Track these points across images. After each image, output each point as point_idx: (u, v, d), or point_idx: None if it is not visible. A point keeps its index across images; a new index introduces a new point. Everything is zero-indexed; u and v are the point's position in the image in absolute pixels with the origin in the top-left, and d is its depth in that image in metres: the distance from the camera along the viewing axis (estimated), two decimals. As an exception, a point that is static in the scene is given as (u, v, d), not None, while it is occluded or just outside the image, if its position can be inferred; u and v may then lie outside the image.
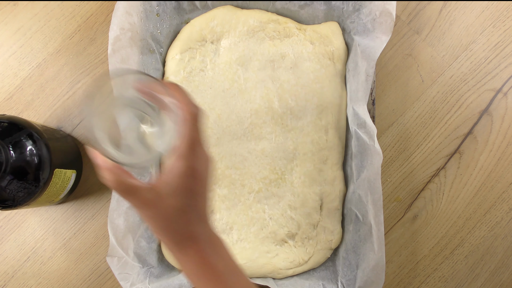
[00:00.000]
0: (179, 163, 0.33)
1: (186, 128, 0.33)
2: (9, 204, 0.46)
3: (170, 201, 0.33)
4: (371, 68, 0.52)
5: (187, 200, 0.34)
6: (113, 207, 0.50)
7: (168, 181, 0.33)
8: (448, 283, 0.58)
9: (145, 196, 0.33)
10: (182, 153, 0.33)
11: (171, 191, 0.33)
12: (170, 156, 0.33)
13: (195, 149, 0.33)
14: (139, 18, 0.53)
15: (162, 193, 0.33)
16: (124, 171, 0.33)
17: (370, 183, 0.50)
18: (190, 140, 0.33)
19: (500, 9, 0.60)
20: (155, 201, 0.33)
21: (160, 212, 0.33)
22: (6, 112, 0.58)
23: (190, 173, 0.33)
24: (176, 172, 0.33)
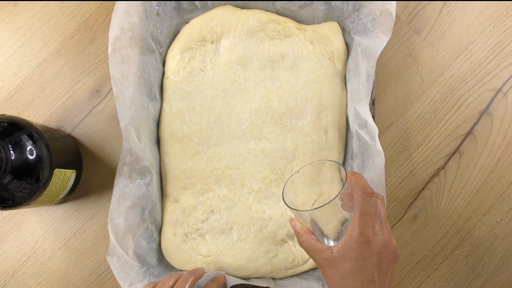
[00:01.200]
0: (351, 230, 0.40)
1: (358, 202, 0.40)
2: (9, 204, 0.46)
3: (342, 262, 0.39)
4: (372, 67, 0.52)
5: (356, 262, 0.39)
6: (113, 207, 0.50)
7: (342, 244, 0.40)
8: (448, 283, 0.58)
9: (323, 256, 0.41)
10: (354, 222, 0.40)
11: (343, 253, 0.40)
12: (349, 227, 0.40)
13: (366, 220, 0.39)
14: (139, 18, 0.53)
15: (336, 254, 0.40)
16: (312, 235, 0.43)
17: (373, 184, 0.50)
18: (361, 211, 0.40)
19: (500, 9, 0.60)
20: (330, 261, 0.40)
21: (334, 270, 0.40)
22: (6, 112, 0.58)
23: (358, 238, 0.39)
24: (348, 237, 0.39)
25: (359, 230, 0.39)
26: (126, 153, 0.50)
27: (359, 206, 0.40)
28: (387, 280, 0.40)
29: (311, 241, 0.42)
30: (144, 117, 0.53)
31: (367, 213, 0.40)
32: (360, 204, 0.40)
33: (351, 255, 0.39)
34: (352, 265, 0.39)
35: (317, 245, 0.42)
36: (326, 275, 0.41)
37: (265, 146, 0.55)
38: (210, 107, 0.56)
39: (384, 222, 0.41)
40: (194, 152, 0.55)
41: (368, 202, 0.40)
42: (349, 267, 0.39)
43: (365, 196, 0.40)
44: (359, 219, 0.39)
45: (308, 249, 0.42)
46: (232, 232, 0.55)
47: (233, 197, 0.55)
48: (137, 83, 0.53)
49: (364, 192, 0.40)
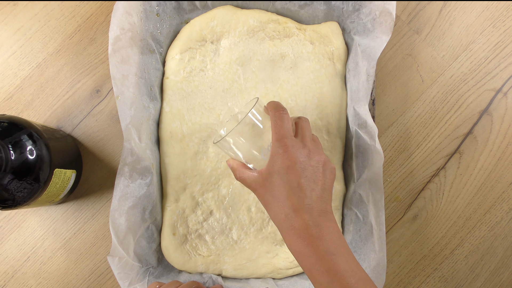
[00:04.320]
0: (272, 148, 0.42)
1: (273, 121, 0.43)
2: (9, 204, 0.46)
3: (270, 179, 0.41)
4: (372, 68, 0.52)
5: (280, 174, 0.41)
6: (114, 207, 0.50)
7: (267, 163, 0.42)
8: (448, 283, 0.58)
9: (256, 179, 0.43)
10: (273, 139, 0.42)
11: (268, 171, 0.41)
12: None
13: (283, 134, 0.42)
14: (139, 18, 0.53)
15: (264, 174, 0.42)
16: (244, 165, 0.45)
17: (371, 183, 0.50)
18: (276, 127, 0.42)
19: (500, 9, 0.60)
20: (261, 182, 0.42)
21: (265, 190, 0.42)
22: (6, 112, 0.58)
23: (279, 151, 0.41)
24: (270, 155, 0.42)
25: (278, 144, 0.41)
26: (127, 153, 0.50)
27: (273, 123, 0.42)
28: (317, 187, 0.41)
29: (244, 170, 0.44)
30: (145, 117, 0.53)
31: (283, 127, 0.42)
32: (273, 121, 0.42)
33: (274, 169, 0.41)
34: (277, 178, 0.41)
35: (249, 172, 0.44)
36: (259, 197, 0.43)
37: (265, 146, 0.55)
38: (210, 107, 0.56)
39: (307, 136, 0.44)
40: (194, 152, 0.55)
41: (281, 118, 0.42)
42: (275, 180, 0.41)
43: (276, 113, 0.43)
44: (275, 133, 0.42)
45: (243, 179, 0.44)
46: (232, 232, 0.55)
47: (233, 197, 0.55)
48: (137, 83, 0.53)
49: (276, 111, 0.43)
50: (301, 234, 0.39)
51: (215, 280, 0.53)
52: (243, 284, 0.53)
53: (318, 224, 0.39)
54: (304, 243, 0.38)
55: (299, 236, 0.39)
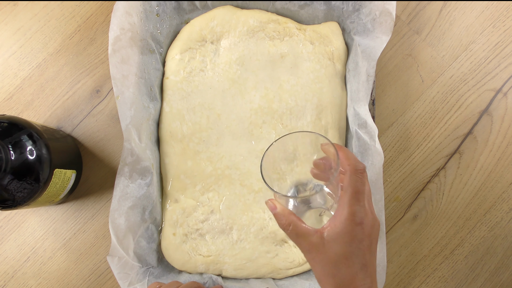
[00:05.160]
0: (342, 210, 0.36)
1: (351, 180, 0.36)
2: (9, 204, 0.46)
3: (333, 246, 0.35)
4: (372, 68, 0.52)
5: (350, 246, 0.35)
6: (114, 207, 0.50)
7: (332, 226, 0.36)
8: (448, 283, 0.58)
9: (311, 240, 0.36)
10: (346, 201, 0.36)
11: (334, 236, 0.35)
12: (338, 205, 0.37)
13: (359, 199, 0.36)
14: (139, 18, 0.53)
15: (326, 238, 0.36)
16: (297, 217, 0.38)
17: (371, 184, 0.50)
18: (354, 190, 0.36)
19: (500, 9, 0.60)
20: (319, 246, 0.36)
21: (324, 256, 0.36)
22: (6, 112, 0.58)
23: (352, 219, 0.35)
24: (339, 219, 0.36)
25: (352, 210, 0.35)
26: (127, 153, 0.50)
27: (352, 185, 0.36)
28: (374, 260, 0.37)
29: (297, 223, 0.37)
30: (145, 117, 0.53)
31: (360, 191, 0.36)
32: (354, 182, 0.36)
33: (343, 238, 0.35)
34: (345, 249, 0.35)
35: (303, 228, 0.37)
36: (314, 261, 0.37)
37: (265, 146, 0.55)
38: (210, 107, 0.56)
39: (370, 199, 0.38)
40: (194, 152, 0.55)
41: (361, 180, 0.37)
42: (341, 251, 0.35)
43: (357, 173, 0.37)
44: (352, 198, 0.36)
45: (293, 233, 0.38)
46: (232, 232, 0.55)
47: (233, 197, 0.55)
48: (137, 83, 0.53)
49: (356, 169, 0.37)
50: None
51: (215, 280, 0.53)
52: (243, 284, 0.53)
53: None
54: None
55: None
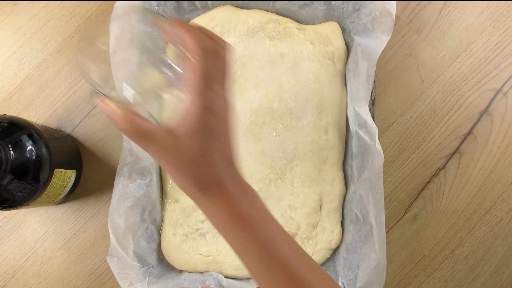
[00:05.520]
0: (194, 100, 0.30)
1: (199, 64, 0.30)
2: (9, 204, 0.46)
3: (189, 143, 0.30)
4: (372, 68, 0.52)
5: (209, 139, 0.31)
6: (113, 207, 0.50)
7: (185, 121, 0.30)
8: (448, 283, 0.58)
9: (162, 140, 0.30)
10: (197, 89, 0.30)
11: (189, 131, 0.30)
12: (186, 94, 0.30)
13: (210, 84, 0.31)
14: (139, 18, 0.53)
15: (180, 135, 0.30)
16: (138, 115, 0.31)
17: (371, 183, 0.50)
18: (204, 75, 0.30)
19: (500, 9, 0.60)
20: (173, 145, 0.30)
21: (180, 157, 0.31)
22: (6, 112, 0.58)
23: (204, 109, 0.30)
24: (193, 110, 0.30)
25: (202, 100, 0.30)
26: (126, 153, 0.50)
27: (200, 69, 0.30)
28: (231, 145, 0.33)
29: (140, 122, 0.30)
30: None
31: (210, 75, 0.31)
32: (202, 66, 0.30)
33: (198, 132, 0.31)
34: (202, 143, 0.31)
35: (149, 127, 0.30)
36: (168, 165, 0.32)
37: (265, 146, 0.55)
38: (210, 107, 0.56)
39: (224, 82, 0.33)
40: (194, 152, 0.55)
41: (212, 61, 0.31)
42: (198, 147, 0.31)
43: (207, 53, 0.31)
44: (201, 85, 0.30)
45: (137, 134, 0.30)
46: (232, 232, 0.55)
47: (233, 197, 0.55)
48: (137, 83, 0.53)
49: (203, 48, 0.31)
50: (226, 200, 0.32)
51: (216, 277, 0.53)
52: (243, 284, 0.53)
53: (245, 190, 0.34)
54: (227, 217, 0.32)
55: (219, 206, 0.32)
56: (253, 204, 0.34)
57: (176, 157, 0.31)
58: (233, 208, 0.32)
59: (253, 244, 0.33)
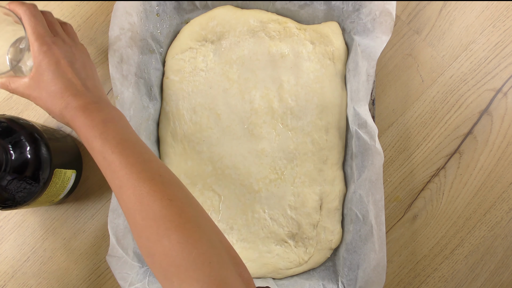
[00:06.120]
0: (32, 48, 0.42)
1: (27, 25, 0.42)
2: (9, 204, 0.46)
3: (41, 78, 0.41)
4: (372, 68, 0.52)
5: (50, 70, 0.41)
6: (113, 207, 0.50)
7: (32, 64, 0.42)
8: (448, 283, 0.58)
9: (25, 82, 0.43)
10: (30, 41, 0.42)
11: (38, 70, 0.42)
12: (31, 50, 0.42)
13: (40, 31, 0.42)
14: (139, 18, 0.53)
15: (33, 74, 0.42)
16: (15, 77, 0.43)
17: (371, 183, 0.50)
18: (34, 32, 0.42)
19: (500, 9, 0.60)
20: (32, 84, 0.42)
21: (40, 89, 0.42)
22: (6, 112, 0.58)
23: (42, 49, 0.41)
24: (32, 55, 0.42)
25: (38, 43, 0.41)
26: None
27: (27, 22, 0.42)
28: (90, 77, 0.44)
29: (15, 80, 0.43)
30: (144, 117, 0.53)
31: (38, 24, 0.42)
32: (27, 19, 0.42)
33: (43, 68, 0.41)
34: (49, 74, 0.41)
35: (20, 80, 0.43)
36: (36, 100, 0.43)
37: (265, 146, 0.55)
38: (210, 107, 0.56)
39: (61, 32, 0.45)
40: (194, 152, 0.55)
41: (34, 15, 0.42)
42: (48, 78, 0.41)
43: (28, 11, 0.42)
44: (33, 33, 0.41)
45: (15, 90, 0.44)
46: (233, 232, 0.55)
47: (233, 197, 0.55)
48: (137, 83, 0.53)
49: (26, 8, 0.42)
50: (79, 109, 0.40)
51: None
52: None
53: (97, 101, 0.42)
54: (81, 116, 0.40)
55: (77, 111, 0.40)
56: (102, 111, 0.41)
57: (37, 89, 0.42)
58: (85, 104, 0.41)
59: None
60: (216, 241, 0.36)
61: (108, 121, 0.40)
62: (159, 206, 0.36)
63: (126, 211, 0.37)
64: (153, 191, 0.36)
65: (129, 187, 0.37)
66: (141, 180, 0.37)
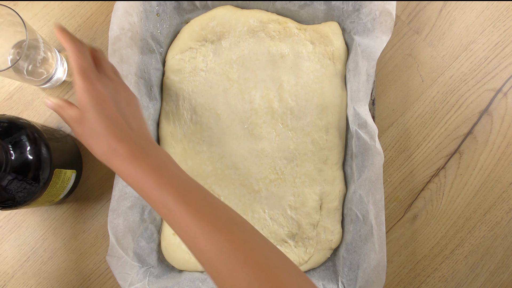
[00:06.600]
0: (76, 82, 0.40)
1: (72, 60, 0.41)
2: (9, 204, 0.46)
3: (85, 114, 0.40)
4: (372, 68, 0.52)
5: (95, 108, 0.40)
6: (113, 207, 0.50)
7: (80, 99, 0.40)
8: (448, 283, 0.58)
9: (69, 114, 0.41)
10: (75, 79, 0.40)
11: (82, 105, 0.40)
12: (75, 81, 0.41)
13: (87, 72, 0.40)
14: (139, 18, 0.53)
15: (82, 110, 0.40)
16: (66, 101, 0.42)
17: (371, 183, 0.50)
18: (78, 67, 0.40)
19: (500, 9, 0.60)
20: (79, 119, 0.40)
21: (85, 124, 0.40)
22: (6, 112, 0.58)
23: (88, 89, 0.40)
24: (77, 90, 0.40)
25: (81, 78, 0.40)
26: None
27: (72, 56, 0.41)
28: (134, 118, 0.42)
29: (69, 108, 0.42)
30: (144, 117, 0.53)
31: (83, 59, 0.41)
32: (73, 54, 0.41)
33: (86, 104, 0.40)
34: (93, 112, 0.40)
35: (65, 104, 0.42)
36: (78, 135, 0.41)
37: (265, 146, 0.55)
38: (210, 107, 0.56)
39: (108, 69, 0.44)
40: (194, 152, 0.55)
41: (80, 50, 0.41)
42: (91, 116, 0.40)
43: (74, 45, 0.41)
44: (77, 67, 0.40)
45: (57, 110, 0.42)
46: (232, 232, 0.55)
47: (233, 197, 0.55)
48: (137, 83, 0.53)
49: (72, 42, 0.41)
50: (127, 158, 0.39)
51: None
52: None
53: (143, 147, 0.40)
54: (130, 165, 0.38)
55: (125, 160, 0.39)
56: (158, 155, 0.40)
57: (82, 124, 0.40)
58: (131, 151, 0.39)
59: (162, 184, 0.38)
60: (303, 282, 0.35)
61: (160, 167, 0.38)
62: (243, 254, 0.34)
63: (205, 263, 0.35)
64: (231, 240, 0.35)
65: (204, 238, 0.35)
66: (216, 229, 0.35)
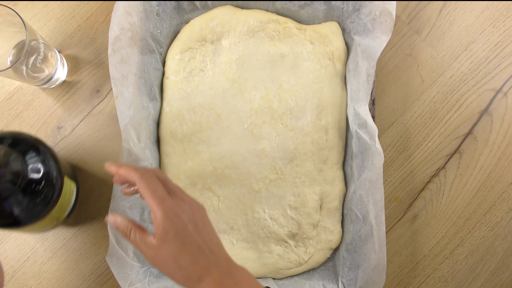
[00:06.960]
0: (154, 215, 0.38)
1: (143, 186, 0.39)
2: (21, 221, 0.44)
3: (166, 246, 0.38)
4: (372, 68, 0.52)
5: (178, 238, 0.38)
6: (112, 207, 0.50)
7: (157, 231, 0.38)
8: (448, 283, 0.58)
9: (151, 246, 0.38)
10: (152, 205, 0.38)
11: (162, 238, 0.38)
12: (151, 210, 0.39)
13: (161, 196, 0.38)
14: (139, 18, 0.53)
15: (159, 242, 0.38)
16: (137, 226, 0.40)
17: (371, 183, 0.50)
18: (151, 192, 0.38)
19: (500, 9, 0.60)
20: (157, 250, 0.38)
21: (164, 258, 0.38)
22: (6, 112, 0.58)
23: (168, 216, 0.38)
24: (156, 222, 0.38)
25: (161, 209, 0.38)
26: (125, 153, 0.50)
27: (145, 188, 0.39)
28: (213, 239, 0.40)
29: (141, 233, 0.39)
30: (144, 117, 0.53)
31: (155, 189, 0.39)
32: (146, 186, 0.39)
33: (169, 236, 0.38)
34: (176, 243, 0.38)
35: (146, 237, 0.39)
36: (157, 265, 0.39)
37: (265, 146, 0.55)
38: (210, 107, 0.56)
39: (176, 189, 0.41)
40: (194, 152, 0.55)
41: (152, 180, 0.39)
42: (174, 247, 0.38)
43: (145, 176, 0.39)
44: (153, 198, 0.38)
45: (135, 242, 0.40)
46: (233, 232, 0.55)
47: (233, 197, 0.55)
48: (137, 83, 0.53)
49: (141, 175, 0.39)
50: (216, 286, 0.38)
51: None
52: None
53: (230, 272, 0.39)
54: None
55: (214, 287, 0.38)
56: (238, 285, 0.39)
57: (161, 257, 0.38)
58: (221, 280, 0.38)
59: None
60: None
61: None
62: None
63: None
64: None
65: None
66: None
